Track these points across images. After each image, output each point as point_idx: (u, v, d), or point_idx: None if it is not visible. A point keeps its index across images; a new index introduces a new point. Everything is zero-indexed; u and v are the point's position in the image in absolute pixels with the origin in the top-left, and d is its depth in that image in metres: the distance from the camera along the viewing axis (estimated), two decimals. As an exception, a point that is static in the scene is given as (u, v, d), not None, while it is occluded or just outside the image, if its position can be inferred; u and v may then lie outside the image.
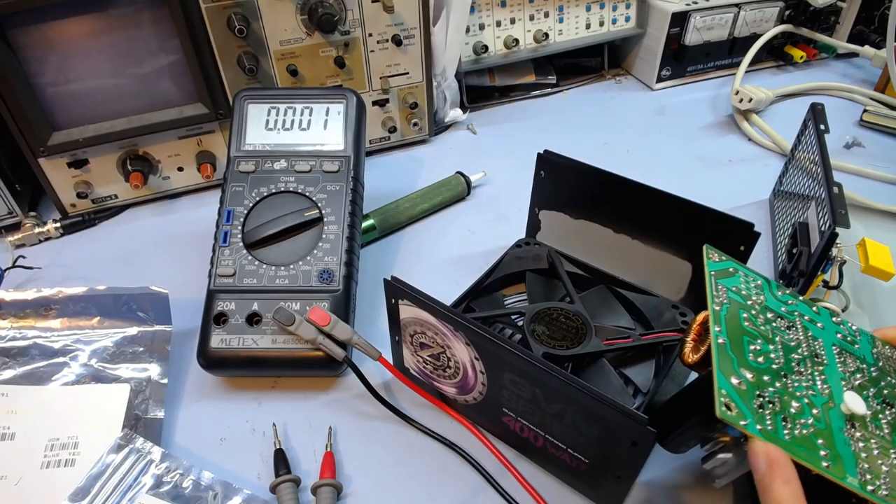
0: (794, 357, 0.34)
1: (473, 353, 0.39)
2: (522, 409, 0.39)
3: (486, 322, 0.47)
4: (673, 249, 0.48)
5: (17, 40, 0.53)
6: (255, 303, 0.47)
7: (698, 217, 0.46)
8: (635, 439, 0.34)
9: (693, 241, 0.46)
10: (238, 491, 0.40)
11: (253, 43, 0.60)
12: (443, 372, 0.43)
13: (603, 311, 0.50)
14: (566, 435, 0.38)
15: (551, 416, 0.38)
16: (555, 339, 0.45)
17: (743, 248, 0.44)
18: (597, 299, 0.50)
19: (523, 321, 0.46)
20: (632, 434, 0.34)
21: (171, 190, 0.66)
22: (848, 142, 0.73)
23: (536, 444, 0.41)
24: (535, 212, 0.55)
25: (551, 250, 0.54)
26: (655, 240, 0.49)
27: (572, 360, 0.44)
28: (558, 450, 0.39)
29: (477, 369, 0.40)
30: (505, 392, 0.40)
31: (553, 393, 0.36)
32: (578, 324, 0.46)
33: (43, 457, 0.42)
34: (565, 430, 0.38)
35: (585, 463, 0.38)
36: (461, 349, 0.40)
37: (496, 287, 0.53)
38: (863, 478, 0.30)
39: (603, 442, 0.36)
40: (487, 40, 0.76)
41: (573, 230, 0.53)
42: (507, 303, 0.53)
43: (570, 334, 0.45)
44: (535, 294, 0.51)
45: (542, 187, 0.53)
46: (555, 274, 0.52)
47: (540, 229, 0.56)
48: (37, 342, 0.47)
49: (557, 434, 0.39)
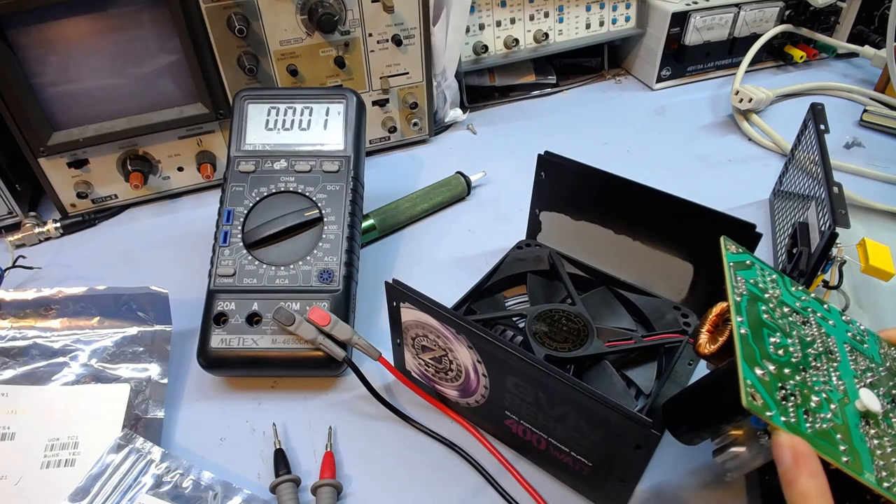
0: (811, 352, 0.34)
1: (476, 357, 0.39)
2: (525, 412, 0.39)
3: (487, 324, 0.47)
4: (674, 250, 0.48)
5: (17, 40, 0.53)
6: (255, 303, 0.47)
7: (700, 218, 0.45)
8: (639, 442, 0.34)
9: (694, 242, 0.46)
10: (238, 491, 0.40)
11: (253, 43, 0.60)
12: (444, 375, 0.43)
13: (604, 313, 0.50)
14: (569, 438, 0.38)
15: (554, 419, 0.38)
16: (556, 340, 0.45)
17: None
18: (598, 301, 0.50)
19: (525, 323, 0.46)
20: (635, 437, 0.33)
21: (171, 190, 0.66)
22: (848, 142, 0.73)
23: (539, 447, 0.41)
24: (536, 213, 0.55)
25: (552, 251, 0.54)
26: (657, 241, 0.49)
27: (574, 362, 0.44)
28: (561, 453, 0.39)
29: (479, 372, 0.40)
30: (507, 395, 0.39)
31: (556, 396, 0.36)
32: (580, 325, 0.46)
33: (43, 457, 0.42)
34: (568, 433, 0.38)
35: (589, 466, 0.38)
36: (463, 352, 0.40)
37: (497, 289, 0.53)
38: (879, 474, 0.30)
39: (606, 445, 0.36)
40: (487, 40, 0.76)
41: (574, 231, 0.53)
42: (509, 304, 0.53)
43: (572, 336, 0.45)
44: (537, 296, 0.51)
45: (543, 188, 0.53)
46: (556, 275, 0.52)
47: (541, 230, 0.56)
48: (37, 342, 0.47)
49: (560, 437, 0.38)
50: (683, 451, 0.41)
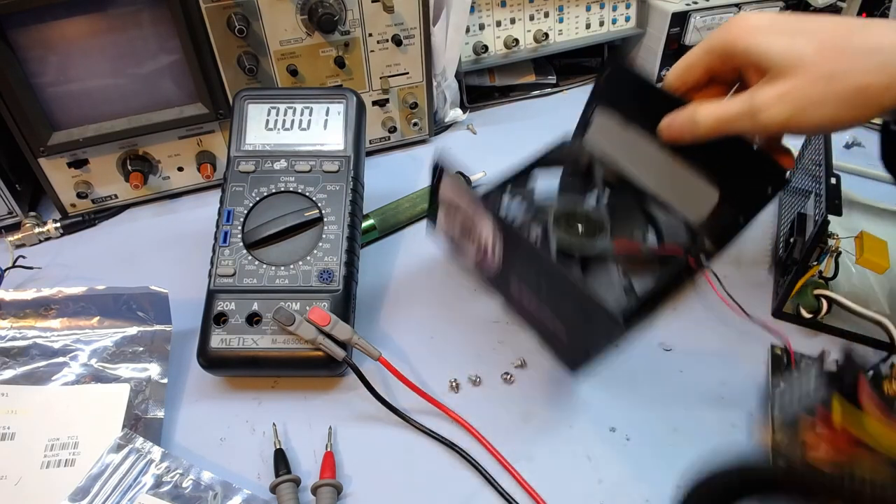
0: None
1: (497, 237, 0.45)
2: (530, 287, 0.46)
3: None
4: (707, 175, 0.49)
5: (17, 40, 0.53)
6: (255, 303, 0.47)
7: (738, 150, 0.46)
8: (605, 327, 0.40)
9: (728, 172, 0.48)
10: (238, 491, 0.40)
11: (253, 43, 0.60)
12: (469, 240, 0.49)
13: (624, 220, 0.52)
14: (557, 315, 0.45)
15: (550, 299, 0.44)
16: (571, 235, 0.49)
17: (770, 191, 0.45)
18: (622, 208, 0.52)
19: (548, 216, 0.50)
20: (605, 326, 0.40)
21: (171, 190, 0.66)
22: (848, 142, 0.73)
23: (532, 314, 0.48)
24: (591, 110, 0.55)
25: (592, 154, 0.55)
26: (693, 162, 0.50)
27: (583, 258, 0.49)
28: (548, 321, 0.46)
29: (497, 249, 0.46)
30: (515, 271, 0.46)
31: (555, 285, 0.43)
32: (597, 226, 0.50)
33: (43, 457, 0.42)
34: (557, 311, 0.44)
35: (564, 338, 0.45)
36: (487, 230, 0.46)
37: (529, 180, 0.55)
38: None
39: (584, 327, 0.43)
40: (487, 40, 0.76)
41: (620, 137, 0.53)
42: (538, 196, 0.54)
43: (587, 234, 0.50)
44: (566, 192, 0.54)
45: (605, 90, 0.54)
46: (589, 177, 0.54)
47: (589, 128, 0.56)
48: (37, 342, 0.47)
49: (550, 312, 0.45)
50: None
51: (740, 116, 0.39)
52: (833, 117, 0.37)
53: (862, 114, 0.36)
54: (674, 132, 0.43)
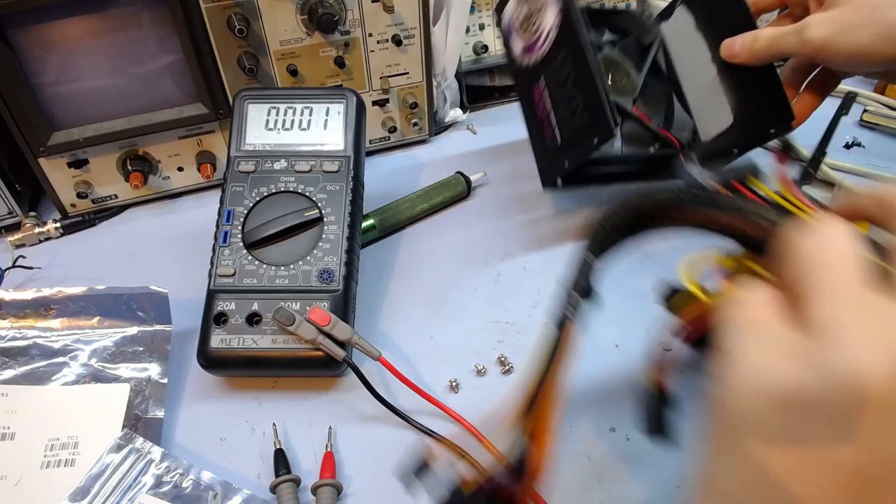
0: None
1: (556, 25, 0.51)
2: (552, 83, 0.53)
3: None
4: (732, 102, 0.53)
5: (17, 40, 0.53)
6: (255, 303, 0.47)
7: (768, 82, 0.50)
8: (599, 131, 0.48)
9: (749, 100, 0.52)
10: (238, 491, 0.40)
11: (253, 43, 0.60)
12: (526, 27, 0.55)
13: (650, 98, 0.58)
14: (562, 117, 0.52)
15: (566, 98, 0.51)
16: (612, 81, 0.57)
17: (773, 132, 0.50)
18: (654, 89, 0.59)
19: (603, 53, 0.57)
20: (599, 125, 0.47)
21: (171, 190, 0.66)
22: (848, 142, 0.73)
23: (538, 118, 0.55)
24: (677, 3, 0.59)
25: (662, 38, 0.60)
26: (731, 85, 0.53)
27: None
28: (550, 127, 0.53)
29: (550, 37, 0.52)
30: (551, 67, 0.53)
31: (579, 78, 0.50)
32: (629, 87, 0.57)
33: (43, 457, 0.42)
34: (564, 112, 0.51)
35: (558, 141, 0.52)
36: (551, 17, 0.52)
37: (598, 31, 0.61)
38: None
39: (579, 129, 0.49)
40: (487, 40, 0.76)
41: (686, 36, 0.57)
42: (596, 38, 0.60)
43: (617, 88, 0.57)
44: (621, 51, 0.59)
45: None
46: (645, 52, 0.60)
47: (670, 18, 0.60)
48: (37, 342, 0.47)
49: (559, 114, 0.52)
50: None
51: (790, 32, 0.46)
52: (868, 44, 0.43)
53: (894, 48, 0.42)
54: (735, 48, 0.50)
